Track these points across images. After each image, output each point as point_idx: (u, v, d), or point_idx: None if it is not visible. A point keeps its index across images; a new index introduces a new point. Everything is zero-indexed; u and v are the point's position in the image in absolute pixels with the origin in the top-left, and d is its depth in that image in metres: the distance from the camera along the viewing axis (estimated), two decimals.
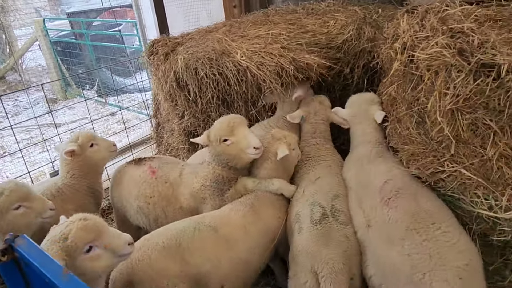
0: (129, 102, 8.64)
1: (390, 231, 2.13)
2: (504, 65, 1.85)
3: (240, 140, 2.59)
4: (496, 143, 2.08)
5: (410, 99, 2.54)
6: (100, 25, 10.78)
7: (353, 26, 3.57)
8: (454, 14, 2.38)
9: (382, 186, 2.37)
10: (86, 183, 2.96)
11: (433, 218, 2.08)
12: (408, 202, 2.21)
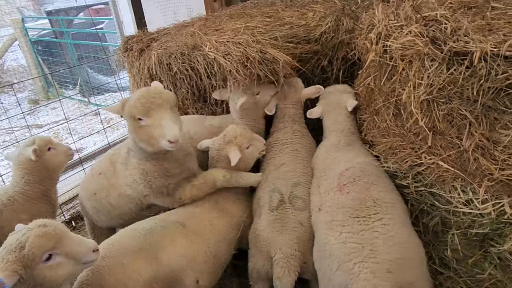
0: (112, 101, 8.51)
1: (335, 215, 2.15)
2: (476, 53, 1.81)
3: (155, 126, 2.19)
4: (472, 134, 2.07)
5: (387, 91, 2.54)
6: (82, 23, 10.60)
7: (332, 17, 3.51)
8: (429, 2, 2.35)
9: (342, 172, 2.38)
10: (40, 190, 2.82)
11: (378, 209, 2.09)
12: (360, 189, 2.22)
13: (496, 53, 1.79)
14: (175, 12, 5.39)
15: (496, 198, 1.95)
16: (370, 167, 2.41)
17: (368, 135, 2.76)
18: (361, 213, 2.08)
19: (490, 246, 2.05)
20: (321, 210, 2.28)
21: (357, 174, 2.32)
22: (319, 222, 2.26)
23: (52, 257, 1.72)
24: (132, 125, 2.28)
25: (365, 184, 2.25)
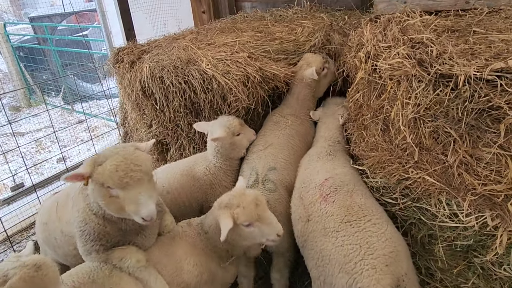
0: (97, 109, 8.41)
1: (327, 224, 2.24)
2: (461, 76, 1.91)
3: (129, 201, 1.92)
4: (456, 151, 2.14)
5: (375, 107, 2.61)
6: (65, 29, 10.46)
7: (320, 33, 3.62)
8: (414, 24, 2.46)
9: (323, 183, 2.50)
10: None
11: (365, 212, 2.23)
12: (344, 197, 2.34)
13: (479, 76, 1.88)
14: (164, 23, 5.41)
15: (479, 211, 2.03)
16: (348, 177, 2.53)
17: (356, 149, 2.80)
18: (351, 218, 2.19)
19: (474, 257, 2.12)
20: (310, 220, 2.37)
21: (338, 184, 2.45)
22: (310, 232, 2.33)
23: None
24: (99, 191, 1.94)
25: (347, 192, 2.38)
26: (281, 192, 2.73)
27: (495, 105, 1.89)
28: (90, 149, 6.51)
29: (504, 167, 1.98)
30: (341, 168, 2.65)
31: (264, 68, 3.04)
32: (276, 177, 2.76)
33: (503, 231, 1.95)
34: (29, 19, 10.16)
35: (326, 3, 4.72)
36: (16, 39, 9.99)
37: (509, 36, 2.10)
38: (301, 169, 2.84)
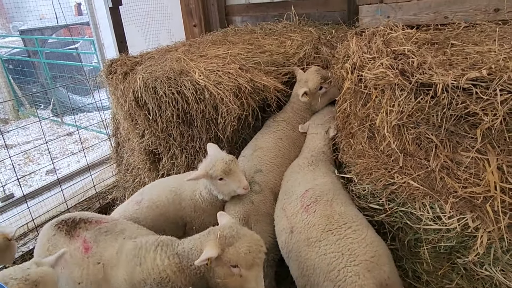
0: (87, 121, 8.41)
1: (309, 234, 2.28)
2: (440, 85, 2.01)
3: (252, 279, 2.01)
4: (437, 156, 2.22)
5: (362, 115, 2.68)
6: (55, 42, 10.50)
7: (309, 46, 3.75)
8: (397, 37, 2.56)
9: (304, 194, 2.55)
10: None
11: (345, 219, 2.27)
12: (324, 207, 2.39)
13: (456, 85, 1.98)
14: (157, 36, 5.51)
15: (460, 213, 2.10)
16: (327, 186, 2.59)
17: (344, 157, 2.86)
18: (332, 226, 2.24)
19: (457, 258, 2.19)
20: (294, 232, 2.41)
21: (318, 194, 2.50)
22: (294, 242, 2.37)
23: None
24: (222, 270, 2.01)
25: (327, 202, 2.43)
26: (266, 193, 2.85)
27: (471, 112, 1.97)
28: (79, 161, 6.50)
29: (482, 170, 2.05)
30: (322, 178, 2.70)
31: (255, 79, 3.13)
32: (262, 179, 2.88)
33: (483, 232, 2.02)
34: (19, 32, 10.17)
35: (314, 17, 4.87)
36: (5, 51, 9.98)
37: (483, 48, 2.21)
38: (284, 181, 2.91)
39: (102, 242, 2.27)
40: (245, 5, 5.45)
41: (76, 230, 2.34)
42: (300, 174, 2.81)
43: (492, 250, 2.02)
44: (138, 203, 2.92)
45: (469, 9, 2.72)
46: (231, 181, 2.62)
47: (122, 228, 2.39)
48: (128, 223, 2.54)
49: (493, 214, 2.00)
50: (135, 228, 2.47)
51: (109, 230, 2.35)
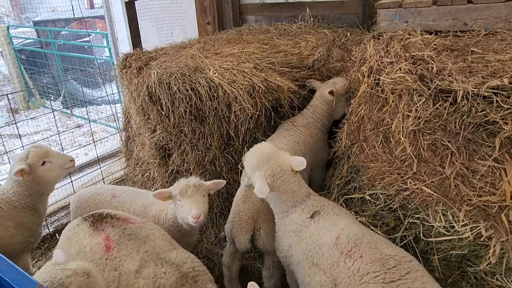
0: (96, 115, 8.45)
1: (365, 286, 1.86)
2: (460, 92, 2.01)
3: None
4: (453, 163, 2.20)
5: (376, 120, 2.67)
6: (68, 34, 10.55)
7: (323, 48, 3.74)
8: (416, 42, 2.55)
9: (336, 241, 2.12)
10: (27, 202, 2.74)
11: (403, 265, 1.88)
12: (370, 250, 1.98)
13: (476, 93, 1.97)
14: (171, 32, 5.53)
15: (473, 222, 2.09)
16: (356, 227, 2.23)
17: (356, 161, 2.85)
18: (394, 276, 1.83)
19: (467, 267, 2.17)
20: (338, 284, 1.96)
21: (354, 238, 2.09)
22: None
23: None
24: None
25: (370, 244, 2.02)
26: None
27: (491, 120, 1.97)
28: (88, 154, 6.53)
29: (498, 179, 2.04)
30: (342, 221, 2.28)
31: (269, 79, 3.14)
32: None
33: (496, 241, 2.01)
34: (33, 23, 10.23)
35: (329, 19, 4.86)
36: (18, 42, 10.05)
37: (504, 57, 2.20)
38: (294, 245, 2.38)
39: (123, 247, 2.17)
40: (260, 5, 5.45)
41: (101, 224, 2.29)
42: (309, 227, 2.35)
43: (505, 260, 2.00)
44: (114, 197, 2.96)
45: (490, 16, 2.70)
46: (184, 205, 2.48)
47: (146, 235, 2.27)
48: (154, 228, 2.39)
49: (508, 224, 1.99)
50: (159, 236, 2.32)
51: (133, 233, 2.26)
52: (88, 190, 3.10)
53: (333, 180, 3.12)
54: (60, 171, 2.80)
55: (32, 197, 2.75)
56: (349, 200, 2.83)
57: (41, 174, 2.69)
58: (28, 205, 2.76)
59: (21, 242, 2.77)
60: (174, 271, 2.04)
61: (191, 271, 2.07)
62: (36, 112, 9.30)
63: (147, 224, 2.40)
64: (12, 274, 1.28)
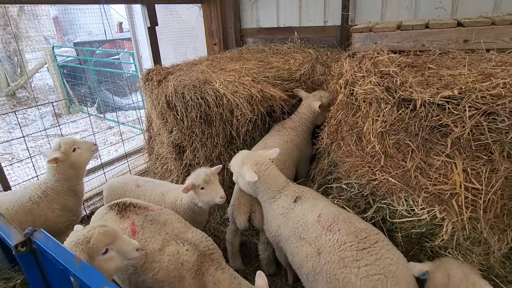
0: (124, 118, 8.41)
1: (343, 253, 1.88)
2: (418, 100, 1.99)
3: None
4: (413, 158, 2.19)
5: (351, 123, 2.65)
6: (101, 53, 10.51)
7: (308, 64, 3.72)
8: (383, 60, 2.52)
9: (318, 218, 2.13)
10: (68, 185, 2.74)
11: (374, 237, 1.92)
12: (346, 225, 2.01)
13: (432, 101, 1.96)
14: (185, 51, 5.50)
15: (430, 206, 2.09)
16: (332, 208, 2.24)
17: (335, 156, 2.83)
18: (365, 244, 1.86)
19: (425, 242, 2.18)
20: (322, 253, 1.97)
21: (332, 215, 2.12)
22: (324, 264, 1.94)
23: (108, 251, 1.71)
24: None
25: (346, 220, 2.06)
26: None
27: (443, 123, 1.96)
28: (117, 150, 6.51)
29: (450, 171, 2.04)
30: (321, 203, 2.29)
31: (264, 90, 3.11)
32: None
33: (448, 222, 2.02)
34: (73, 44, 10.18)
35: (313, 41, 4.84)
36: (61, 59, 10.00)
37: (455, 72, 2.18)
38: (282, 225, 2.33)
39: (147, 230, 2.12)
40: (257, 29, 5.42)
41: (126, 212, 2.23)
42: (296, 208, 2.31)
43: (455, 237, 2.01)
44: (138, 187, 2.91)
45: (443, 39, 2.68)
46: (210, 190, 2.49)
47: (165, 219, 2.22)
48: (170, 213, 2.32)
49: (457, 208, 1.99)
50: (176, 220, 2.26)
51: (154, 219, 2.20)
52: (117, 180, 3.07)
53: (316, 172, 3.11)
54: (88, 154, 2.81)
55: (70, 180, 2.76)
56: (329, 188, 2.81)
57: (74, 159, 2.70)
58: (69, 189, 2.76)
59: (65, 221, 2.77)
60: (194, 250, 2.01)
61: (206, 250, 2.05)
62: (76, 116, 9.26)
63: (164, 211, 2.35)
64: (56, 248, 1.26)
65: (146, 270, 1.99)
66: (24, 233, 1.33)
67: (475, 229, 1.95)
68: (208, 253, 2.04)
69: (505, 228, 1.90)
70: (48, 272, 1.36)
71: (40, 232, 1.33)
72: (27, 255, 1.32)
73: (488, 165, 1.92)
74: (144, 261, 2.00)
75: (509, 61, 2.22)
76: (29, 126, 8.60)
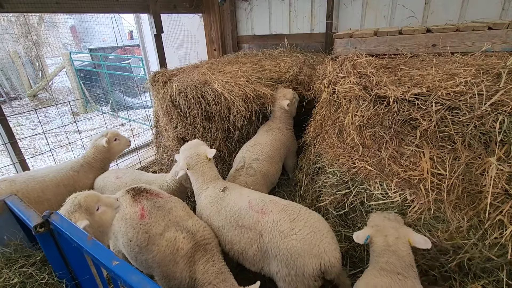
0: (135, 116, 8.35)
1: (280, 228, 1.92)
2: (392, 97, 2.00)
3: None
4: (387, 148, 2.22)
5: (334, 118, 2.67)
6: (114, 58, 10.37)
7: (296, 67, 3.70)
8: (361, 62, 2.52)
9: (249, 204, 2.12)
10: (100, 164, 3.02)
11: (295, 207, 2.00)
12: (274, 205, 2.05)
13: (403, 98, 1.97)
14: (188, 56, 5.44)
15: (401, 190, 2.10)
16: (257, 193, 2.24)
17: (319, 147, 2.83)
18: (293, 216, 1.94)
19: None
20: (264, 234, 1.97)
21: (259, 199, 2.13)
22: (268, 242, 1.94)
23: (100, 207, 1.79)
24: None
25: (272, 200, 2.09)
26: (258, 176, 2.75)
27: (413, 117, 1.97)
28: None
29: (418, 159, 2.06)
30: (246, 190, 2.27)
31: (257, 89, 3.10)
32: (257, 166, 2.79)
33: (417, 203, 2.04)
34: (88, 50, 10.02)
35: (301, 46, 4.81)
36: (78, 64, 9.86)
37: (423, 72, 2.19)
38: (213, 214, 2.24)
39: (153, 216, 2.07)
40: (252, 36, 5.37)
41: (139, 197, 2.20)
42: (226, 197, 2.25)
43: (423, 216, 2.03)
44: (117, 178, 2.82)
45: (414, 44, 2.68)
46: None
47: (171, 207, 2.16)
48: (177, 201, 2.25)
49: (425, 191, 2.01)
50: (180, 208, 2.19)
51: (161, 206, 2.14)
52: (101, 177, 2.96)
53: (304, 162, 3.12)
54: (123, 147, 3.15)
55: (103, 161, 3.05)
56: (315, 175, 2.83)
57: (113, 146, 3.04)
58: (100, 167, 3.02)
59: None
60: (190, 238, 1.98)
61: (202, 239, 2.00)
62: (92, 114, 9.16)
63: (172, 198, 2.28)
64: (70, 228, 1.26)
65: (148, 251, 1.98)
66: (42, 215, 1.33)
67: (440, 209, 1.98)
68: (203, 243, 1.99)
69: (465, 208, 1.92)
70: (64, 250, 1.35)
71: (56, 214, 1.32)
72: (45, 235, 1.31)
73: (452, 154, 1.94)
74: (147, 242, 1.99)
75: (470, 62, 2.22)
76: (49, 124, 8.51)
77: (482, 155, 1.85)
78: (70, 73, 9.25)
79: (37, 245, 1.52)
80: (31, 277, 1.39)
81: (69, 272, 1.44)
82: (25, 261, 1.45)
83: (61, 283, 1.42)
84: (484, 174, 1.83)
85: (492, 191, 1.78)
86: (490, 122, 1.75)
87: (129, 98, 9.34)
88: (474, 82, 1.87)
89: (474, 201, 1.89)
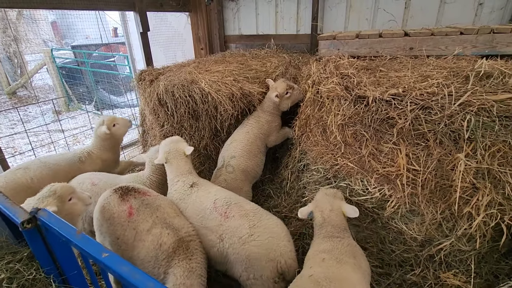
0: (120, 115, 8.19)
1: (239, 233, 1.96)
2: (371, 97, 2.10)
3: None
4: (367, 146, 2.30)
5: (317, 117, 2.73)
6: (98, 56, 10.15)
7: (282, 67, 3.77)
8: (344, 63, 2.61)
9: (214, 205, 2.14)
10: (108, 155, 3.13)
11: (258, 214, 2.03)
12: (238, 209, 2.07)
13: (381, 98, 2.07)
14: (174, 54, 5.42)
15: (380, 185, 2.19)
16: (223, 193, 2.24)
17: (304, 146, 2.88)
18: (254, 222, 1.99)
19: (376, 215, 2.28)
20: (224, 238, 2.00)
21: (225, 200, 2.14)
22: (228, 247, 1.98)
23: (72, 199, 1.96)
24: None
25: (237, 204, 2.11)
26: (237, 173, 2.81)
27: (391, 116, 2.07)
28: None
29: (396, 156, 2.15)
30: (214, 188, 2.30)
31: (244, 88, 3.13)
32: (235, 163, 2.86)
33: (394, 198, 2.13)
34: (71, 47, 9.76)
35: (287, 47, 4.89)
36: (59, 61, 9.59)
37: (400, 74, 2.30)
38: (182, 211, 2.26)
39: (141, 213, 2.07)
40: (238, 36, 5.42)
41: (127, 196, 2.18)
42: (191, 197, 2.27)
43: (400, 210, 2.12)
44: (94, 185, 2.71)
45: (393, 47, 2.80)
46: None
47: (159, 204, 2.16)
48: (164, 199, 2.25)
49: (401, 186, 2.10)
50: (168, 205, 2.19)
51: (149, 203, 2.13)
52: (75, 179, 2.79)
53: (289, 159, 3.17)
54: (125, 129, 3.21)
55: (112, 150, 3.15)
56: (300, 173, 2.89)
57: (114, 131, 3.10)
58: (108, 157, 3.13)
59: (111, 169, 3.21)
60: (174, 234, 1.98)
61: (186, 236, 2.01)
62: (75, 113, 8.94)
63: (160, 197, 2.28)
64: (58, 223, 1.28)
65: (134, 247, 1.99)
66: (30, 211, 1.34)
67: (415, 203, 2.08)
68: (187, 239, 1.98)
69: (438, 201, 2.04)
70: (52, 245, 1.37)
71: (44, 210, 1.35)
72: (32, 231, 1.32)
73: (425, 150, 2.05)
74: (134, 239, 2.00)
75: (443, 65, 2.36)
76: (30, 122, 8.25)
77: (452, 151, 1.97)
78: (51, 71, 8.99)
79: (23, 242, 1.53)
80: (18, 273, 1.40)
81: (56, 267, 1.46)
82: (11, 258, 1.46)
83: (48, 279, 1.44)
84: (454, 169, 1.95)
85: (461, 185, 1.91)
86: (459, 121, 1.88)
87: (114, 96, 9.17)
88: (445, 84, 1.99)
89: (446, 195, 2.00)
